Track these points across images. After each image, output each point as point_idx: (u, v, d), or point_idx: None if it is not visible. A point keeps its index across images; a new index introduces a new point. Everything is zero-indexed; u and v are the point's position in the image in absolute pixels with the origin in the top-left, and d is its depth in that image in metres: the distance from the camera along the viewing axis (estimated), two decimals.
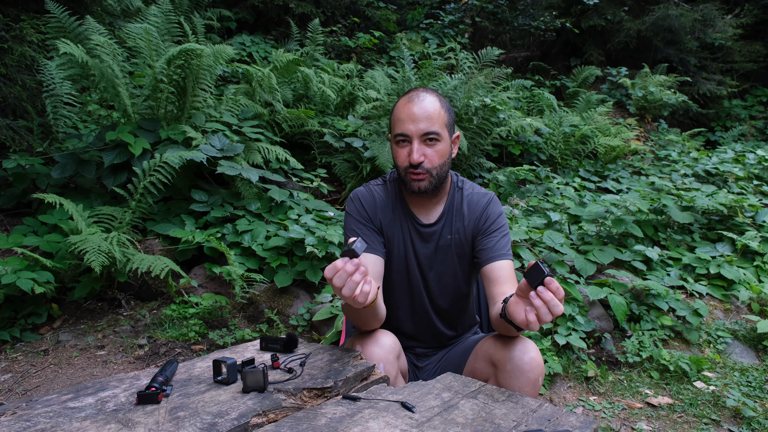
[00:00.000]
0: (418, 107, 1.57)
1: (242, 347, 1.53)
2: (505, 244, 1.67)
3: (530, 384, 1.48)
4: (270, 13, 6.77)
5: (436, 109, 1.59)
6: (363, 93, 5.12)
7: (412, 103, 1.58)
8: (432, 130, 1.57)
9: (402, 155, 1.61)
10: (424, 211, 1.72)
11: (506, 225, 1.72)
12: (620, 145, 5.68)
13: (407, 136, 1.58)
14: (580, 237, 3.77)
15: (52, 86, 3.69)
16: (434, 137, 1.58)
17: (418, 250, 1.71)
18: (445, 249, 1.71)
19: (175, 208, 3.52)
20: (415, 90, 1.63)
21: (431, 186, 1.62)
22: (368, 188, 1.75)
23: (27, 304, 2.88)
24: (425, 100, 1.59)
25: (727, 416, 2.55)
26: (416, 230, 1.71)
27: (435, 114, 1.58)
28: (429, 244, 1.72)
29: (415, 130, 1.57)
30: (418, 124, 1.56)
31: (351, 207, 1.72)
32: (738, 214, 4.19)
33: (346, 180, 4.50)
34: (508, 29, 8.54)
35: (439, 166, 1.61)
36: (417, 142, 1.57)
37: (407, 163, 1.59)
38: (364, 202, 1.70)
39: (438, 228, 1.71)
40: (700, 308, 3.16)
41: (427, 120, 1.57)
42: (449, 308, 1.78)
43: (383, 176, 1.79)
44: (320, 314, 2.89)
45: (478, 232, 1.70)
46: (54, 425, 1.05)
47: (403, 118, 1.58)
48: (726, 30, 7.99)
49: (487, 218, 1.70)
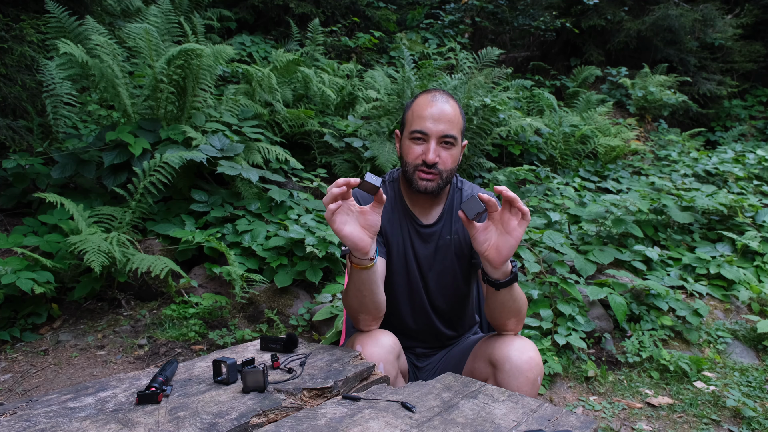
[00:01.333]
0: (440, 109, 1.59)
1: (242, 347, 1.53)
2: None
3: (529, 384, 1.48)
4: (270, 13, 6.77)
5: (456, 114, 1.61)
6: (363, 93, 5.12)
7: (435, 104, 1.60)
8: (451, 134, 1.59)
9: (415, 152, 1.61)
10: (424, 212, 1.72)
11: None
12: (620, 145, 5.68)
13: (426, 134, 1.59)
14: (580, 237, 3.77)
15: (52, 86, 3.69)
16: (451, 141, 1.60)
17: (418, 251, 1.71)
18: (444, 249, 1.72)
19: (175, 208, 3.52)
20: (436, 91, 1.64)
21: (437, 188, 1.62)
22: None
23: (27, 304, 2.88)
24: (447, 103, 1.61)
25: (727, 416, 2.55)
26: (416, 231, 1.71)
27: (455, 118, 1.61)
28: (429, 245, 1.72)
29: (435, 130, 1.58)
30: (439, 125, 1.58)
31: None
32: (738, 214, 4.19)
33: None
34: (508, 29, 8.53)
35: (450, 170, 1.63)
36: (434, 142, 1.58)
37: (420, 161, 1.60)
38: (362, 201, 1.71)
39: (438, 228, 1.72)
40: (700, 308, 3.16)
41: (448, 123, 1.59)
42: (449, 308, 1.78)
43: (382, 176, 1.79)
44: (320, 314, 2.89)
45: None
46: (54, 425, 1.05)
47: (425, 116, 1.58)
48: (726, 30, 7.99)
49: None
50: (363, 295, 1.49)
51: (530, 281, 3.18)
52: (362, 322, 1.57)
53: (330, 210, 1.31)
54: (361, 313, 1.55)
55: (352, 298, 1.52)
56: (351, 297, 1.53)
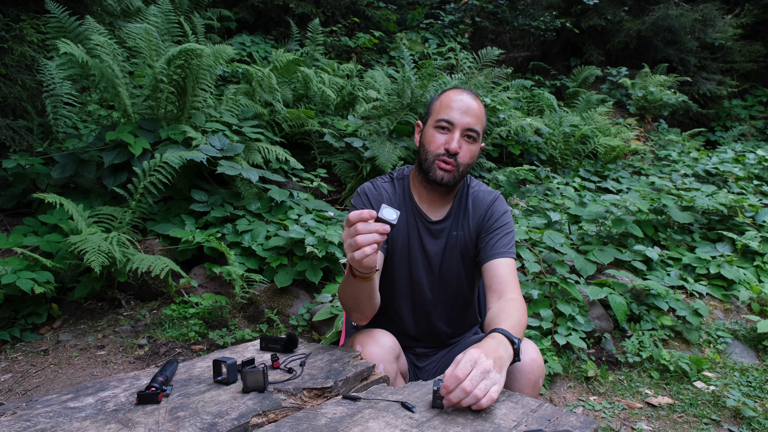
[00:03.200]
0: (468, 103, 1.62)
1: (242, 347, 1.53)
2: (508, 242, 1.67)
3: (530, 385, 1.47)
4: (270, 13, 6.77)
5: (481, 112, 1.66)
6: (363, 93, 5.12)
7: (463, 98, 1.63)
8: (475, 128, 1.62)
9: (438, 140, 1.62)
10: (433, 208, 1.73)
11: (510, 224, 1.72)
12: (620, 145, 5.68)
13: (453, 124, 1.61)
14: (580, 237, 3.77)
15: (52, 86, 3.69)
16: (474, 135, 1.63)
17: (428, 247, 1.72)
18: (452, 246, 1.72)
19: (175, 208, 3.52)
20: (464, 88, 1.69)
21: (453, 180, 1.64)
22: (375, 184, 1.75)
23: (27, 304, 2.88)
24: (475, 101, 1.65)
25: (727, 416, 2.55)
26: (425, 227, 1.72)
27: (481, 116, 1.66)
28: (439, 241, 1.72)
29: (462, 121, 1.61)
30: (465, 118, 1.61)
31: (357, 201, 1.73)
32: (738, 214, 4.19)
33: (346, 180, 4.50)
34: (508, 29, 8.54)
35: (467, 165, 1.65)
36: (459, 133, 1.61)
37: (442, 150, 1.61)
38: (370, 196, 1.71)
39: (447, 224, 1.72)
40: (700, 308, 3.16)
41: (475, 117, 1.62)
42: (451, 307, 1.78)
43: (389, 173, 1.80)
44: (320, 314, 2.89)
45: (481, 230, 1.70)
46: (54, 425, 1.05)
47: (453, 107, 1.62)
48: (726, 30, 7.99)
49: (491, 216, 1.71)
50: (360, 300, 1.50)
51: (530, 281, 3.18)
52: (354, 318, 1.59)
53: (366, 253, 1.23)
54: (354, 312, 1.56)
55: (348, 299, 1.53)
56: (347, 298, 1.53)
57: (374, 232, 1.22)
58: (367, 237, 1.22)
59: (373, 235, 1.22)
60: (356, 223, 1.23)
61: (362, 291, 1.46)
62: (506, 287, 1.56)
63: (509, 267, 1.62)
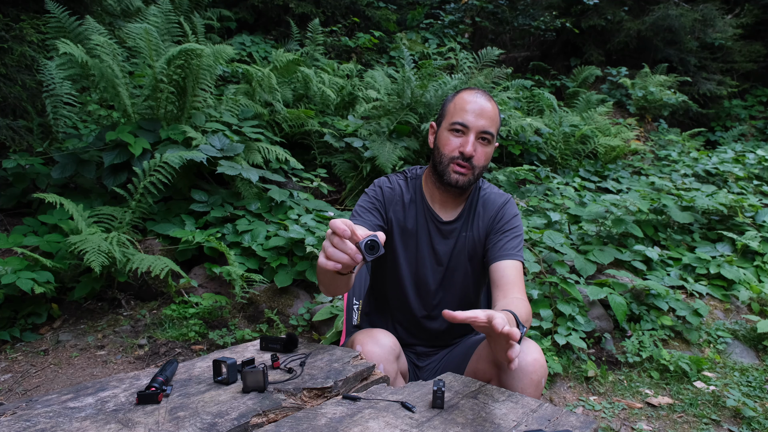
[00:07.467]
0: (482, 105, 1.61)
1: (242, 347, 1.53)
2: (516, 245, 1.67)
3: (533, 385, 1.47)
4: (270, 13, 6.77)
5: (495, 114, 1.65)
6: (363, 93, 5.12)
7: (477, 100, 1.62)
8: (490, 130, 1.62)
9: (453, 144, 1.62)
10: (445, 209, 1.73)
11: (520, 228, 1.72)
12: (620, 145, 5.68)
13: (467, 127, 1.60)
14: (580, 237, 3.77)
15: (52, 86, 3.69)
16: (488, 138, 1.62)
17: (437, 247, 1.72)
18: (461, 246, 1.73)
19: (175, 208, 3.52)
20: (477, 89, 1.67)
21: (468, 183, 1.64)
22: (392, 180, 1.76)
23: (27, 304, 2.88)
24: (490, 102, 1.64)
25: (727, 416, 2.55)
26: (436, 227, 1.73)
27: (495, 118, 1.64)
28: (449, 241, 1.73)
29: (476, 124, 1.60)
30: (480, 120, 1.60)
31: (371, 190, 1.74)
32: (738, 214, 4.19)
33: (346, 180, 4.50)
34: (508, 29, 8.53)
35: (482, 167, 1.65)
36: (473, 136, 1.60)
37: (457, 153, 1.61)
38: (384, 191, 1.71)
39: (458, 225, 1.73)
40: (700, 308, 3.16)
41: (489, 120, 1.61)
42: (454, 307, 1.77)
43: (404, 171, 1.80)
44: (320, 314, 2.89)
45: (490, 231, 1.71)
46: (54, 425, 1.05)
47: (468, 110, 1.61)
48: (726, 30, 7.99)
49: (501, 218, 1.71)
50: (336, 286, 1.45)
51: (530, 281, 3.18)
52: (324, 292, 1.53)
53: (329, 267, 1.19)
54: (327, 292, 1.51)
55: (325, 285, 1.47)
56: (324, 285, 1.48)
57: (345, 254, 1.17)
58: (336, 253, 1.17)
59: (343, 255, 1.17)
60: (334, 234, 1.17)
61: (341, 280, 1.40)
62: (512, 288, 1.57)
63: (516, 269, 1.63)
